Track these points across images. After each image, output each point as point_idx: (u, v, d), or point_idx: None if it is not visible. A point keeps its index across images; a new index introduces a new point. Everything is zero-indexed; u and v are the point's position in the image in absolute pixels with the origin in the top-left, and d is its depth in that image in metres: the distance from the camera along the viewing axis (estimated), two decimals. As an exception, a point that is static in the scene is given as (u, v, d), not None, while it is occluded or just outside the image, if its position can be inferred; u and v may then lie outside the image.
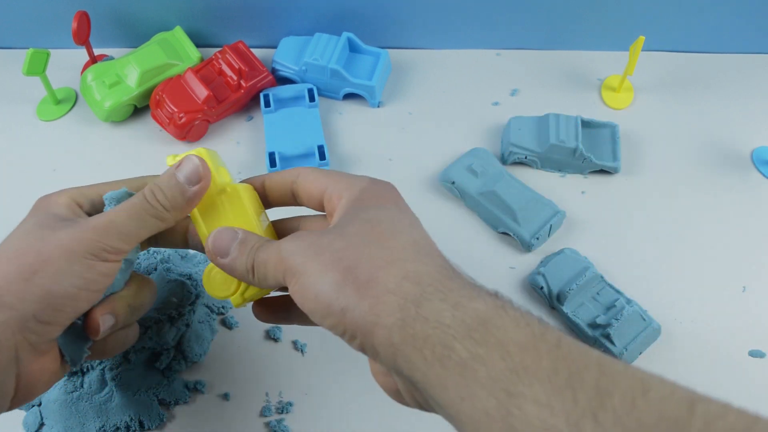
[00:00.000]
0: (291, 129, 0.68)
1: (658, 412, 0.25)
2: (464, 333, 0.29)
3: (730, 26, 0.73)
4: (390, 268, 0.32)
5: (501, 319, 0.30)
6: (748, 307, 0.60)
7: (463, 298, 0.31)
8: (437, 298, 0.31)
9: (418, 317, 0.30)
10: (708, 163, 0.68)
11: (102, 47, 0.75)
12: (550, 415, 0.26)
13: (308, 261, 0.34)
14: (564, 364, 0.28)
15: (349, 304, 0.32)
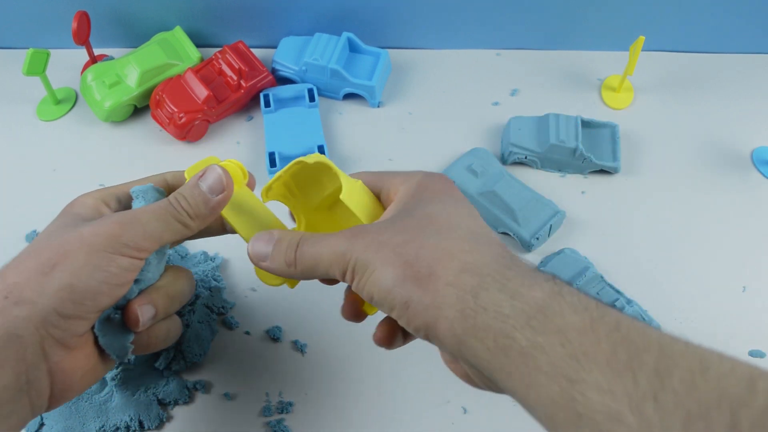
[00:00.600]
0: (291, 129, 0.68)
1: (718, 390, 0.25)
2: (523, 322, 0.30)
3: (730, 26, 0.73)
4: (449, 260, 0.33)
5: (559, 305, 0.30)
6: (748, 307, 0.60)
7: (521, 287, 0.31)
8: (495, 288, 0.31)
9: (478, 308, 0.31)
10: (708, 163, 0.68)
11: (102, 47, 0.75)
12: (612, 400, 0.26)
13: (370, 257, 0.34)
14: (623, 347, 0.28)
15: (412, 297, 0.33)
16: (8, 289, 0.36)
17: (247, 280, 0.61)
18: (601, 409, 0.26)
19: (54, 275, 0.36)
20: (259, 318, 0.59)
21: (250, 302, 0.60)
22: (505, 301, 0.31)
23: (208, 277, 0.59)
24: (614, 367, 0.27)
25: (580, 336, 0.29)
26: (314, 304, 0.60)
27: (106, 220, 0.38)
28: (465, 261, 0.33)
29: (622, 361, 0.27)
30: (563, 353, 0.28)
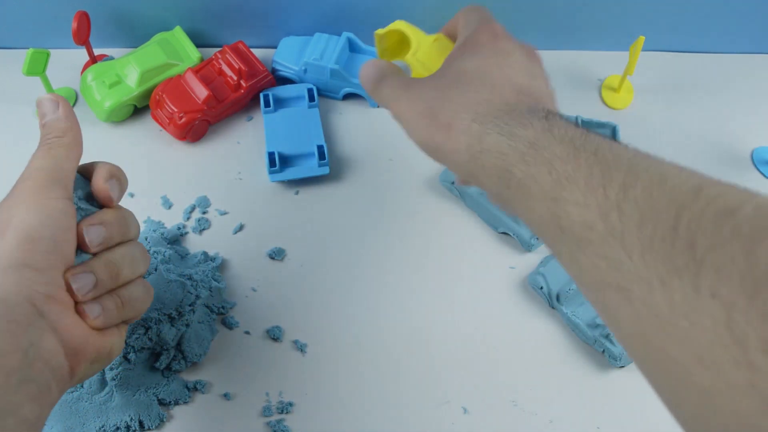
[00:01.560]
0: (291, 129, 0.68)
1: (669, 197, 0.29)
2: (518, 158, 0.35)
3: (730, 26, 0.73)
4: (464, 112, 0.39)
5: (547, 139, 0.35)
6: (748, 307, 0.60)
7: (517, 128, 0.36)
8: (496, 132, 0.37)
9: (483, 150, 0.37)
10: (708, 163, 0.68)
11: (102, 47, 0.75)
12: (587, 211, 0.31)
13: (408, 110, 0.42)
14: (598, 167, 0.32)
15: (437, 143, 0.40)
16: None
17: (247, 280, 0.61)
18: (578, 220, 0.31)
19: (8, 234, 0.38)
20: (259, 318, 0.59)
21: (250, 302, 0.60)
22: (503, 142, 0.36)
23: (208, 277, 0.59)
24: (590, 184, 0.32)
25: (564, 164, 0.33)
26: (314, 304, 0.60)
27: (19, 181, 0.42)
28: (476, 112, 0.38)
29: (596, 178, 0.32)
30: (550, 180, 0.33)
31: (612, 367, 0.57)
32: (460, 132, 0.39)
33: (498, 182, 0.37)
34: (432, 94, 0.41)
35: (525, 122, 0.37)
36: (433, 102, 0.41)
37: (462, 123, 0.39)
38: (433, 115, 0.40)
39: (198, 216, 0.65)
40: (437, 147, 0.40)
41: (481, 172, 0.38)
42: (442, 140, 0.40)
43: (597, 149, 0.33)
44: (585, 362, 0.57)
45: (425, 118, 0.41)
